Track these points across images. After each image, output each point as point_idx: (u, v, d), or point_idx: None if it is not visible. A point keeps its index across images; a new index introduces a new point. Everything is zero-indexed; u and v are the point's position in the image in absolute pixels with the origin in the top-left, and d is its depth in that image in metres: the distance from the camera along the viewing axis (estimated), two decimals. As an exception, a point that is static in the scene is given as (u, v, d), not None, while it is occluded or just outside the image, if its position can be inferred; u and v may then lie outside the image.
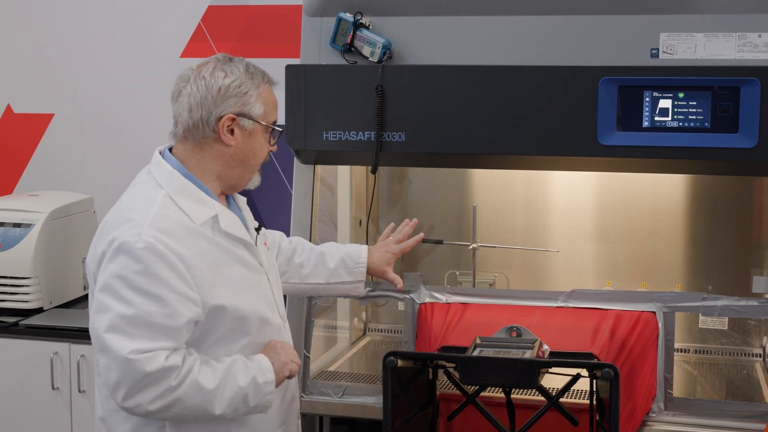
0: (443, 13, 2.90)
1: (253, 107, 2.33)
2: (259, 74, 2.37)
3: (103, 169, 4.46)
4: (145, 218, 2.21)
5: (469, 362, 2.31)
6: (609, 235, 3.38)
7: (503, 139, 2.82)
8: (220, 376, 2.23)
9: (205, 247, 2.28)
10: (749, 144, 2.68)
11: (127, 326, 2.14)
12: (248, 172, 2.41)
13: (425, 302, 2.89)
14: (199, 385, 2.19)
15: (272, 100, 2.40)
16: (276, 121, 2.43)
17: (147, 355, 2.13)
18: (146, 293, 2.15)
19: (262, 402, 2.31)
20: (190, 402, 2.19)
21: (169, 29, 4.34)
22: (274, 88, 2.43)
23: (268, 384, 2.30)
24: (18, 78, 4.58)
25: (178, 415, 2.21)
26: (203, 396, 2.20)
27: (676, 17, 2.76)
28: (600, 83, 2.74)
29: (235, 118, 2.31)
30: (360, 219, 3.48)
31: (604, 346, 2.56)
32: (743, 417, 2.71)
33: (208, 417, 2.24)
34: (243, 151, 2.36)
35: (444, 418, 2.62)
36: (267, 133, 2.40)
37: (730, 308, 2.74)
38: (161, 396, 2.16)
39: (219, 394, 2.22)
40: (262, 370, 2.30)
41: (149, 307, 2.15)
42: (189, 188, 2.31)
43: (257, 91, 2.34)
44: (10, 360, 3.64)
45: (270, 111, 2.39)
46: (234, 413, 2.28)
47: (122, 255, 2.17)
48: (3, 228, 3.77)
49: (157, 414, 2.19)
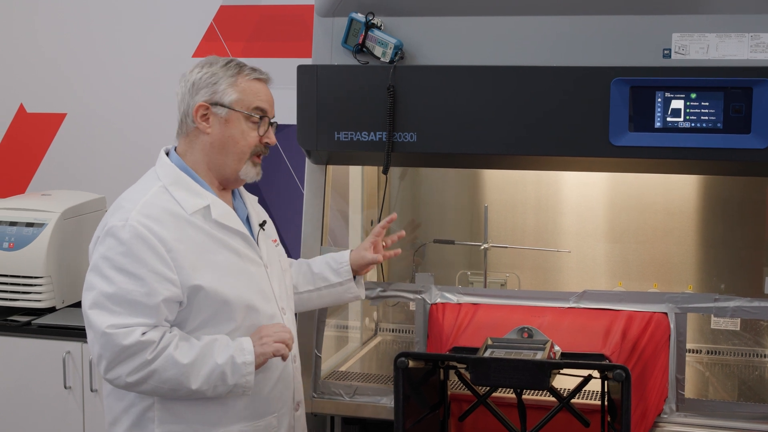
0: (455, 13, 2.90)
1: (224, 94, 2.46)
2: (236, 67, 2.50)
3: (115, 169, 4.48)
4: (134, 206, 2.39)
5: (481, 363, 2.31)
6: (621, 236, 3.38)
7: (515, 139, 2.82)
8: (196, 352, 2.34)
9: (192, 234, 2.41)
10: (762, 145, 2.67)
11: (108, 303, 2.31)
12: (232, 160, 2.49)
13: (436, 302, 2.89)
14: (174, 359, 2.30)
15: (252, 90, 2.50)
16: (263, 110, 2.50)
17: (124, 330, 2.28)
18: (127, 273, 2.31)
19: (242, 382, 2.37)
20: (165, 375, 2.31)
21: (181, 29, 4.35)
22: (280, 88, 2.51)
23: (247, 365, 2.37)
24: (31, 78, 4.60)
25: (156, 388, 2.33)
26: (178, 370, 2.31)
27: (688, 17, 2.75)
28: (612, 84, 2.73)
29: (207, 107, 2.46)
30: (372, 219, 3.48)
31: (616, 347, 2.55)
32: (755, 418, 2.70)
33: (185, 392, 2.34)
34: (221, 138, 2.48)
35: (455, 418, 2.62)
36: (250, 122, 2.48)
37: (742, 309, 2.73)
38: (138, 369, 2.29)
39: (195, 369, 2.32)
40: (242, 351, 2.37)
41: (129, 286, 2.31)
42: (184, 180, 2.47)
43: (230, 80, 2.47)
44: (22, 359, 3.65)
45: (248, 99, 2.48)
46: (213, 390, 2.36)
47: (109, 238, 2.36)
48: (16, 227, 3.78)
49: (136, 386, 2.33)
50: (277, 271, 2.62)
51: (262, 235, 2.61)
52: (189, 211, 2.42)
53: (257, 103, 2.49)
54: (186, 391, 2.34)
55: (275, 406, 2.54)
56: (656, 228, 3.35)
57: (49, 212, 3.81)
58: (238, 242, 2.50)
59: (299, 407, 2.66)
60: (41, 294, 3.75)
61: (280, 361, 2.52)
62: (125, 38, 4.44)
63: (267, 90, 2.54)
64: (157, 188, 2.44)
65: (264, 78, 2.53)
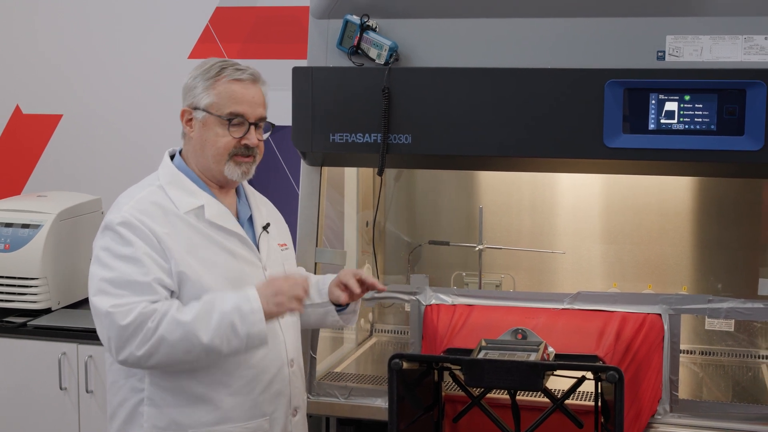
0: (450, 15, 2.91)
1: (200, 99, 2.51)
2: (218, 68, 2.52)
3: (112, 170, 4.48)
4: (129, 202, 2.46)
5: (475, 365, 2.31)
6: (616, 237, 3.39)
7: (509, 141, 2.82)
8: (198, 309, 2.34)
9: (184, 231, 2.45)
10: (755, 146, 2.68)
11: (110, 287, 2.36)
12: (211, 162, 2.53)
13: (431, 304, 2.89)
14: (177, 320, 2.31)
15: (228, 93, 2.50)
16: (238, 113, 2.49)
17: (125, 308, 2.32)
18: (124, 257, 2.38)
19: (254, 331, 2.35)
20: (173, 338, 2.31)
21: (177, 30, 4.35)
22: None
23: (255, 312, 2.35)
24: (27, 79, 4.60)
25: (171, 356, 2.32)
26: (184, 329, 2.31)
27: (682, 20, 2.76)
28: (606, 86, 2.74)
29: (189, 111, 2.53)
30: (367, 220, 3.48)
31: (610, 348, 2.56)
32: (749, 419, 2.71)
33: (200, 349, 2.32)
34: (200, 140, 2.53)
35: (449, 419, 2.63)
36: (224, 125, 2.50)
37: (736, 310, 2.74)
38: (144, 340, 2.31)
39: (201, 323, 2.32)
40: (247, 299, 2.36)
41: (128, 269, 2.37)
42: (181, 180, 2.53)
43: (206, 83, 2.51)
44: (18, 360, 3.65)
45: (223, 102, 2.50)
46: (228, 345, 2.34)
47: (107, 231, 2.44)
48: (11, 229, 3.78)
49: (149, 359, 2.33)
50: (279, 274, 2.60)
51: (264, 238, 2.61)
52: (182, 210, 2.47)
53: (231, 108, 2.49)
54: (200, 349, 2.32)
55: (268, 409, 2.54)
56: (651, 229, 3.36)
57: (45, 213, 3.81)
58: (234, 243, 2.52)
59: (297, 413, 2.64)
60: (37, 295, 3.74)
61: (275, 364, 2.53)
62: (121, 40, 4.44)
63: (249, 91, 2.52)
64: (154, 187, 2.51)
65: (245, 78, 2.52)
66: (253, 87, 2.53)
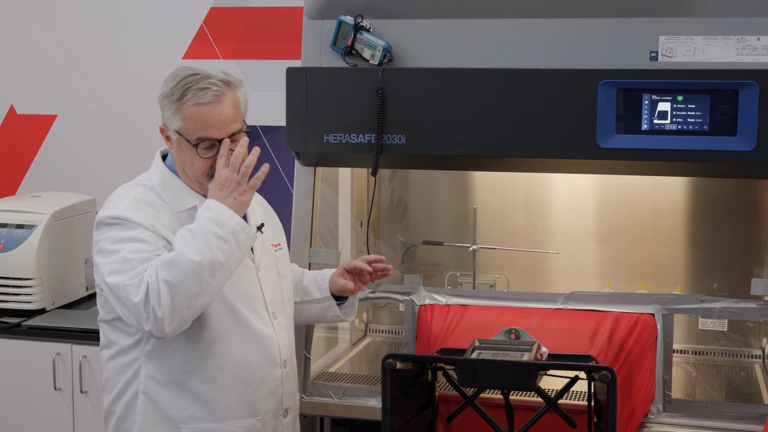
0: (443, 16, 2.91)
1: (171, 122, 2.46)
2: (179, 93, 2.43)
3: (106, 170, 4.47)
4: (122, 200, 2.46)
5: (468, 365, 2.32)
6: (609, 237, 3.39)
7: (503, 141, 2.83)
8: (177, 241, 2.34)
9: (178, 227, 2.42)
10: (748, 147, 2.69)
11: (120, 266, 2.35)
12: (192, 180, 2.51)
13: (425, 304, 2.90)
14: (165, 261, 2.31)
15: (195, 117, 2.42)
16: (207, 138, 2.42)
17: (135, 281, 2.31)
18: (127, 239, 2.38)
19: (234, 228, 2.34)
20: (173, 275, 2.29)
21: (171, 31, 4.35)
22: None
23: (223, 212, 2.34)
24: (21, 79, 4.60)
25: (178, 290, 2.29)
26: (175, 262, 2.30)
27: (675, 20, 2.77)
28: (599, 86, 2.74)
29: (165, 129, 2.49)
30: (361, 221, 3.49)
31: (603, 348, 2.57)
32: (742, 419, 2.72)
33: (200, 269, 2.30)
34: (179, 159, 2.50)
35: (443, 419, 2.63)
36: (194, 149, 2.44)
37: (729, 310, 2.75)
38: (155, 296, 2.29)
39: (187, 248, 2.31)
40: (209, 207, 2.36)
41: (133, 247, 2.36)
42: (173, 182, 2.52)
43: (173, 107, 2.44)
44: (12, 361, 3.65)
45: (191, 128, 2.43)
46: (221, 252, 2.32)
47: (101, 226, 2.43)
48: (6, 229, 3.78)
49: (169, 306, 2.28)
50: (272, 275, 2.61)
51: (258, 238, 2.59)
52: (176, 211, 2.48)
53: (199, 133, 2.42)
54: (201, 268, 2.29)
55: (260, 409, 2.54)
56: (644, 229, 3.36)
57: (39, 214, 3.80)
58: None
59: (288, 414, 2.64)
60: (31, 296, 3.74)
61: (267, 365, 2.53)
62: (116, 40, 4.43)
63: (216, 111, 2.41)
64: (146, 188, 2.51)
65: (209, 101, 2.41)
66: (220, 105, 2.41)
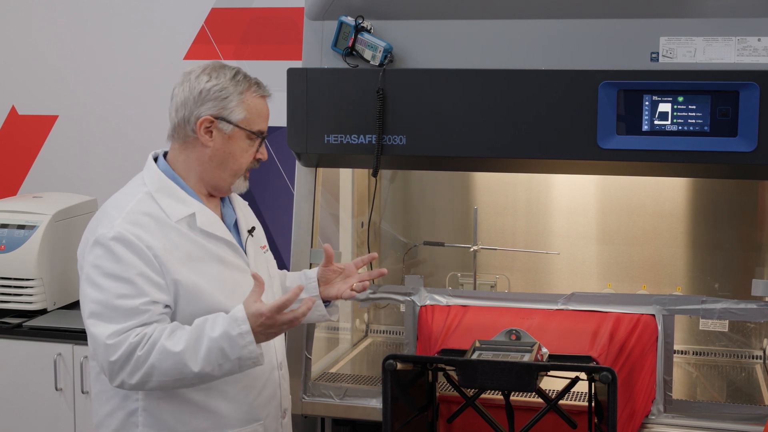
0: (444, 16, 2.91)
1: (232, 112, 2.44)
2: (246, 82, 2.46)
3: (107, 171, 4.48)
4: (120, 213, 2.38)
5: (468, 365, 2.32)
6: (610, 238, 3.39)
7: (503, 142, 2.83)
8: (188, 336, 2.30)
9: (178, 242, 2.40)
10: (748, 148, 2.69)
11: (102, 310, 2.31)
12: (228, 175, 2.49)
13: (426, 304, 2.90)
14: (167, 350, 2.27)
15: (258, 109, 2.48)
16: (263, 131, 2.50)
17: (116, 340, 2.28)
18: (117, 277, 2.31)
19: (244, 354, 2.30)
20: (164, 367, 2.27)
21: (172, 31, 4.36)
22: (271, 90, 2.51)
23: (244, 335, 2.29)
24: (22, 80, 4.60)
25: (163, 383, 2.30)
26: (174, 359, 2.27)
27: (676, 21, 2.77)
28: (600, 87, 2.74)
29: (213, 120, 2.43)
30: (362, 221, 3.49)
31: (603, 349, 2.57)
32: (743, 419, 2.72)
33: (191, 378, 2.30)
34: (222, 153, 2.47)
35: (444, 420, 2.63)
36: (250, 140, 2.48)
37: (729, 311, 2.75)
38: (135, 369, 2.28)
39: (191, 353, 2.28)
40: (235, 321, 2.30)
41: (120, 290, 2.30)
42: (170, 187, 2.46)
43: (240, 97, 2.45)
44: (13, 361, 3.65)
45: (254, 119, 2.47)
46: (220, 369, 2.31)
47: (97, 246, 2.35)
48: (7, 230, 3.78)
49: (142, 386, 2.31)
50: (265, 279, 2.57)
51: (251, 242, 2.59)
52: (173, 219, 2.42)
53: (260, 125, 2.49)
54: (192, 377, 2.30)
55: (261, 413, 2.54)
56: (645, 230, 3.37)
57: (41, 214, 3.81)
58: (224, 250, 2.48)
59: (285, 415, 2.64)
60: (32, 296, 3.75)
61: (267, 369, 2.52)
62: (117, 41, 4.44)
63: (268, 108, 2.52)
64: (143, 195, 2.43)
65: (267, 95, 2.52)
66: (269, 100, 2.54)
